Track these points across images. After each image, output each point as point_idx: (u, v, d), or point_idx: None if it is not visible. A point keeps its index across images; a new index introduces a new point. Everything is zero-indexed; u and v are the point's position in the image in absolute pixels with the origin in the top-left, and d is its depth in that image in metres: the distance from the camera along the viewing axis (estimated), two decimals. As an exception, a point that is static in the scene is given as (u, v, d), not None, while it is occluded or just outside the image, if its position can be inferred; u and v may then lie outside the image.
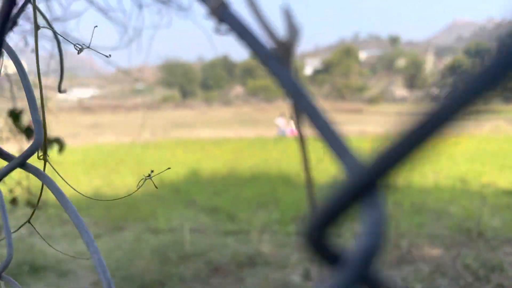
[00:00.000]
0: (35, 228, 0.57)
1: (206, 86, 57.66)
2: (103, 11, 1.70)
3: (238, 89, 61.15)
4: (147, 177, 0.48)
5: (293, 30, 0.23)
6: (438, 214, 5.02)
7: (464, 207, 5.27)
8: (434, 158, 0.17)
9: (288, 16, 0.23)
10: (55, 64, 1.87)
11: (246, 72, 57.39)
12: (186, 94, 52.56)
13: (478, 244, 3.71)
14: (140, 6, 1.68)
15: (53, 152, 1.88)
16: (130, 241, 3.98)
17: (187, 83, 52.20)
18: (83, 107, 41.03)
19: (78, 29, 1.75)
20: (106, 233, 4.32)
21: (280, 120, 15.68)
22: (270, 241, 3.88)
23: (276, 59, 0.23)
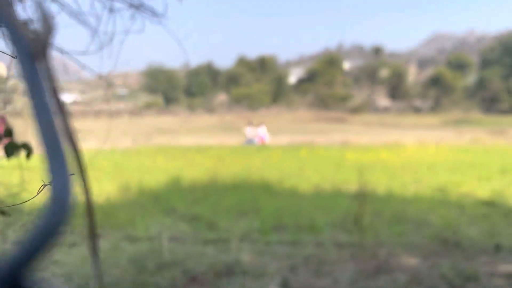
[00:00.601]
0: None
1: (189, 93, 57.60)
2: (75, 15, 1.67)
3: (221, 97, 61.25)
4: None
5: (47, 24, 0.23)
6: (417, 223, 5.08)
7: (442, 216, 5.34)
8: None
9: (42, 9, 0.23)
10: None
11: (230, 80, 57.60)
12: (169, 100, 52.39)
13: (454, 254, 3.76)
14: (111, 11, 1.66)
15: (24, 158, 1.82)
16: (106, 249, 3.90)
17: (170, 89, 51.96)
18: (65, 113, 40.34)
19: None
20: (82, 241, 4.22)
21: (249, 128, 15.90)
22: (249, 250, 3.86)
23: (28, 53, 0.23)
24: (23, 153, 1.74)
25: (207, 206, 5.79)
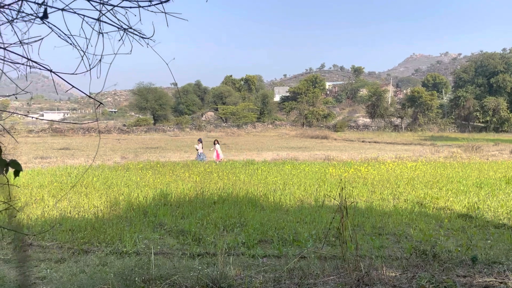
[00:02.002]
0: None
1: (178, 110, 57.91)
2: (64, 37, 1.78)
3: (209, 114, 61.56)
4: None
5: None
6: (397, 236, 5.22)
7: (421, 229, 5.51)
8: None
9: None
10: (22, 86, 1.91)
11: (218, 98, 58.14)
12: (158, 118, 52.57)
13: (433, 266, 3.85)
14: (101, 33, 1.78)
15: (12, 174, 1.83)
16: (94, 264, 3.90)
17: (159, 107, 52.26)
18: (55, 130, 39.84)
19: (40, 53, 1.80)
20: (71, 256, 4.22)
21: (199, 145, 15.91)
22: (235, 263, 3.92)
23: None
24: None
25: (194, 220, 5.83)
